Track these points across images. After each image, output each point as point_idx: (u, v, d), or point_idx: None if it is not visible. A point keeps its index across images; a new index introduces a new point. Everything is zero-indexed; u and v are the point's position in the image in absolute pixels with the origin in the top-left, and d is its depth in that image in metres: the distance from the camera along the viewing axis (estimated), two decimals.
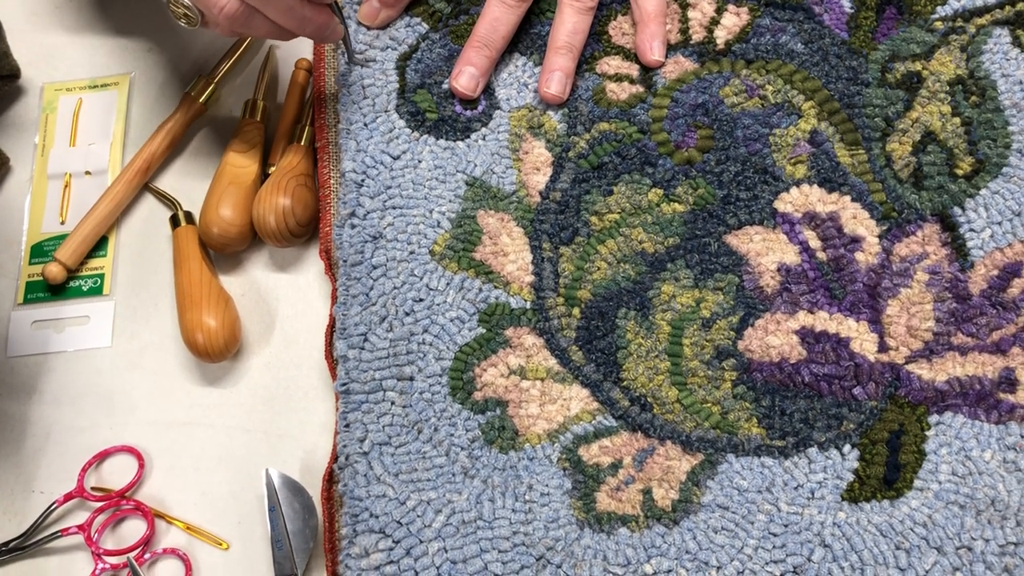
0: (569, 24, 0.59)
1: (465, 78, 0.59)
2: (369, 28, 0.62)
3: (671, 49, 0.60)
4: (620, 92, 0.60)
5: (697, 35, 0.61)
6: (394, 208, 0.57)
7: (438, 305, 0.55)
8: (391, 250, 0.56)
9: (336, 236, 0.57)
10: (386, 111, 0.59)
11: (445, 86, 0.60)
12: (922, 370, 0.53)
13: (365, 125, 0.59)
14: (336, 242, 0.57)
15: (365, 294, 0.55)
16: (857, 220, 0.56)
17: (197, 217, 0.62)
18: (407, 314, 0.54)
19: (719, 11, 0.61)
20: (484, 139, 0.59)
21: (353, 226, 0.56)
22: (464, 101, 0.60)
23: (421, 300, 0.55)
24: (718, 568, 0.50)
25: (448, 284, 0.55)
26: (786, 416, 0.53)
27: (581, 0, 0.59)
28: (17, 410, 0.60)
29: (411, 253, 0.56)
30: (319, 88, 0.62)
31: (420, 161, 0.58)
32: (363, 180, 0.57)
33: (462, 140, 0.59)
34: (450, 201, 0.57)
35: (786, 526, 0.50)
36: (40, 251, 0.64)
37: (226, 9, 0.50)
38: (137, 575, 0.54)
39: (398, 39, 0.61)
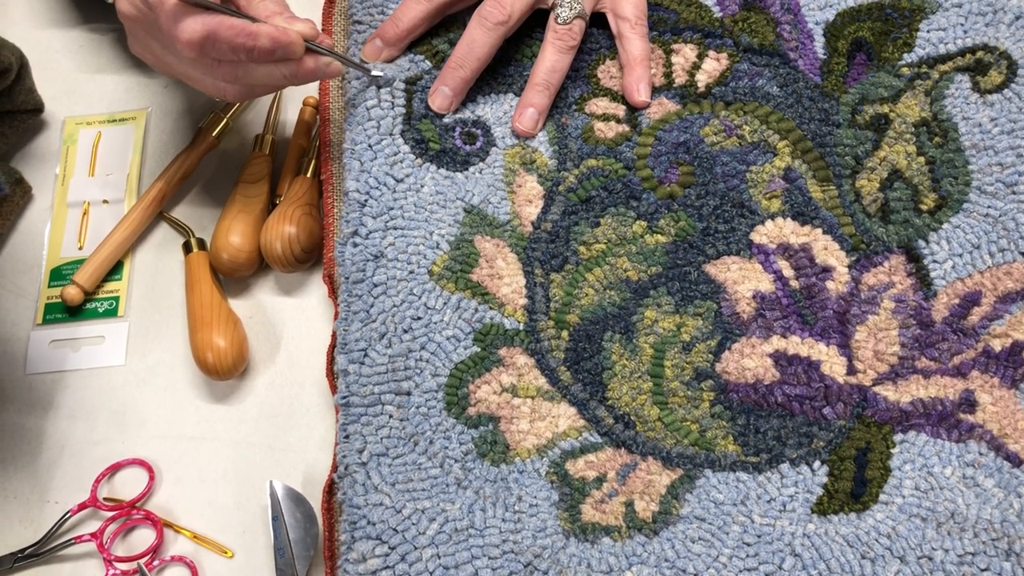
0: (548, 62, 0.63)
1: (439, 98, 0.63)
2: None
3: (655, 91, 0.64)
4: (607, 131, 0.63)
5: (680, 79, 0.65)
6: (395, 229, 0.60)
7: (435, 324, 0.58)
8: (392, 269, 0.59)
9: (339, 254, 0.59)
10: (391, 134, 0.62)
11: (447, 120, 0.64)
12: (888, 392, 0.56)
13: (370, 146, 0.62)
14: (338, 260, 0.59)
15: (366, 311, 0.58)
16: (828, 251, 0.60)
17: (208, 243, 0.66)
18: (406, 331, 0.58)
19: (700, 56, 0.65)
20: (481, 172, 0.62)
21: (355, 245, 0.59)
22: (464, 136, 0.63)
23: (419, 318, 0.58)
24: (695, 575, 0.53)
25: (445, 304, 0.58)
26: (760, 434, 0.56)
27: (562, 39, 0.63)
28: (34, 424, 0.63)
29: (411, 273, 0.59)
30: (324, 123, 0.66)
31: (422, 186, 0.61)
32: (366, 200, 0.60)
33: (461, 172, 0.62)
34: (449, 225, 0.60)
35: (759, 537, 0.53)
36: (59, 274, 0.67)
37: (228, 94, 0.59)
38: None
39: (403, 67, 0.65)
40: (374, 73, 0.63)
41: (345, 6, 0.68)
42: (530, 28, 0.66)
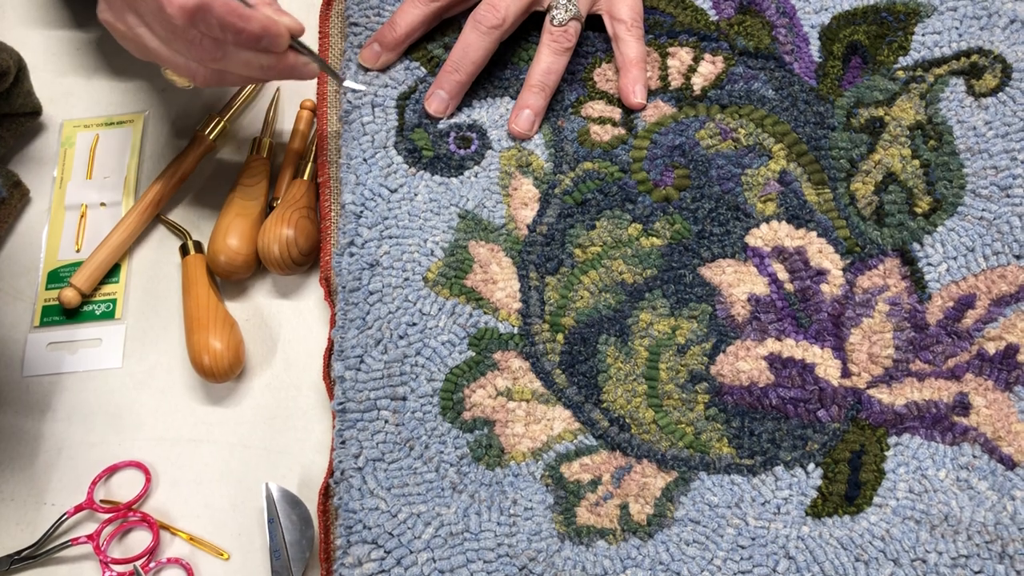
0: (544, 64, 0.63)
1: (435, 102, 0.63)
2: (368, 71, 0.66)
3: (651, 94, 0.64)
4: (603, 134, 0.64)
5: (675, 82, 0.65)
6: (390, 238, 0.60)
7: (430, 329, 0.58)
8: (387, 277, 0.59)
9: (335, 264, 0.60)
10: (385, 147, 0.63)
11: (441, 126, 0.64)
12: (882, 394, 0.57)
13: (364, 160, 0.62)
14: (335, 269, 0.60)
15: (362, 318, 0.58)
16: (823, 254, 0.60)
17: (205, 246, 0.66)
18: (401, 337, 0.58)
19: (696, 59, 0.65)
20: (476, 176, 0.63)
21: (352, 254, 0.60)
22: (459, 141, 0.64)
23: (414, 324, 0.58)
24: None
25: (440, 309, 0.59)
26: (755, 436, 0.56)
27: (558, 41, 0.63)
28: (32, 426, 0.63)
29: (406, 280, 0.59)
30: (322, 127, 0.66)
31: (416, 194, 0.62)
32: (361, 211, 0.61)
33: (456, 177, 0.63)
34: (444, 232, 0.61)
35: (753, 539, 0.54)
36: (56, 277, 0.67)
37: (198, 77, 0.57)
38: None
39: (397, 80, 0.65)
40: (346, 84, 0.63)
41: (342, 8, 0.69)
42: (527, 31, 0.66)
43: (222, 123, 0.70)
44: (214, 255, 0.64)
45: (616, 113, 0.64)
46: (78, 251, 0.68)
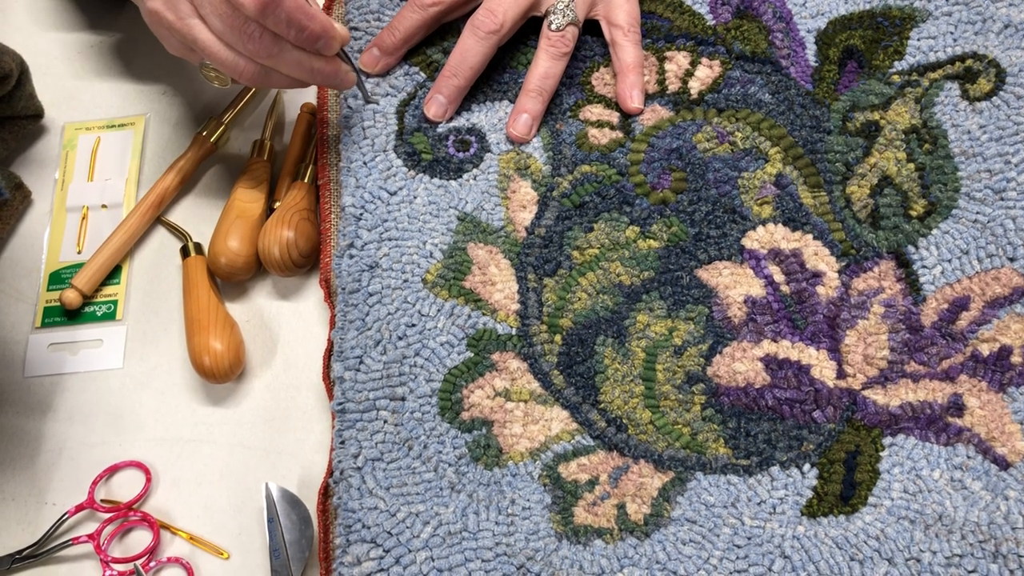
0: (542, 69, 0.64)
1: (434, 106, 0.64)
2: (369, 75, 0.66)
3: (649, 98, 0.65)
4: (601, 137, 0.64)
5: (673, 86, 0.65)
6: (390, 240, 0.61)
7: (429, 330, 0.59)
8: (386, 278, 0.60)
9: (335, 265, 0.61)
10: (384, 151, 0.64)
11: (440, 129, 0.65)
12: (877, 395, 0.57)
13: (364, 163, 0.63)
14: (335, 271, 0.61)
15: (361, 319, 0.59)
16: (818, 257, 0.60)
17: (206, 248, 0.67)
18: (400, 338, 0.58)
19: (693, 64, 0.66)
20: (475, 179, 0.63)
21: (351, 256, 0.60)
22: (458, 144, 0.64)
23: (413, 325, 0.59)
24: None
25: (439, 311, 0.59)
26: (751, 437, 0.56)
27: (556, 46, 0.64)
28: (33, 426, 0.63)
29: (405, 281, 0.60)
30: (322, 130, 0.66)
31: (415, 197, 0.62)
32: (361, 214, 0.61)
33: (455, 179, 0.63)
34: (442, 234, 0.61)
35: (749, 539, 0.54)
36: (58, 278, 0.68)
37: (244, 73, 0.57)
38: None
39: (397, 87, 0.66)
40: (372, 98, 0.65)
41: (342, 12, 0.69)
42: (525, 36, 0.67)
43: (223, 126, 0.70)
44: (215, 257, 0.64)
45: (614, 117, 0.65)
46: (79, 253, 0.68)
